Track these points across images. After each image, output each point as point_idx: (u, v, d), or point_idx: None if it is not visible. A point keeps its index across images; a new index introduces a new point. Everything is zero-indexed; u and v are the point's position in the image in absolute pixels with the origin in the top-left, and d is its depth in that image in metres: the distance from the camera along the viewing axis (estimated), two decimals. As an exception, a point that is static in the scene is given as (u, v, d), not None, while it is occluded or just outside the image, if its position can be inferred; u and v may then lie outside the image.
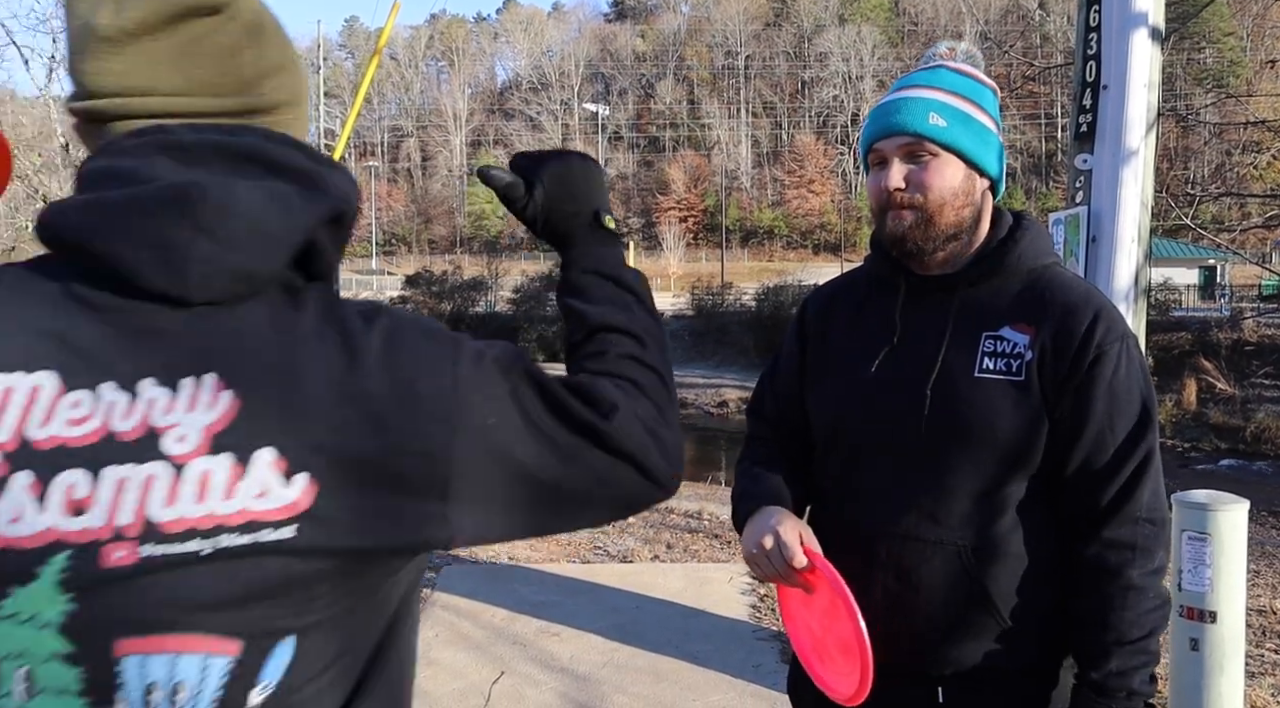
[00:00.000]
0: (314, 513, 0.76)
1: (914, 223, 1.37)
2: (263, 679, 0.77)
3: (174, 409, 0.75)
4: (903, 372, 1.40)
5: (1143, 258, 3.34)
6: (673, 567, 5.51)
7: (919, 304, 1.43)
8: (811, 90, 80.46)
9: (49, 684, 0.74)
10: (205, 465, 0.75)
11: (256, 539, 0.74)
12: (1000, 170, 1.42)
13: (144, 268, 0.76)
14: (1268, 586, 5.23)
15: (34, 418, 0.74)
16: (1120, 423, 1.31)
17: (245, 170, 0.80)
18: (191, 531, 0.74)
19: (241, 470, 0.75)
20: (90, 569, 0.73)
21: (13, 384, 0.75)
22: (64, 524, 0.73)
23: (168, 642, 0.75)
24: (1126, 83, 3.23)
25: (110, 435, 0.75)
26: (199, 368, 0.76)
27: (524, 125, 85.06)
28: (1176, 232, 30.84)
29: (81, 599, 0.73)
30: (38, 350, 0.76)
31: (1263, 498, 4.44)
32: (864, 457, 1.43)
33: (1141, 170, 3.28)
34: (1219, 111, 20.30)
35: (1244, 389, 19.15)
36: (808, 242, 71.45)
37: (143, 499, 0.74)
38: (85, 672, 0.74)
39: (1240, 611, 3.02)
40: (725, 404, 23.62)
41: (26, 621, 0.73)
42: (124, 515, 0.73)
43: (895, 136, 1.38)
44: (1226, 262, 35.77)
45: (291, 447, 0.76)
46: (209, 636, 0.75)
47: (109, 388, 0.76)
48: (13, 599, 0.73)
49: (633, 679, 3.84)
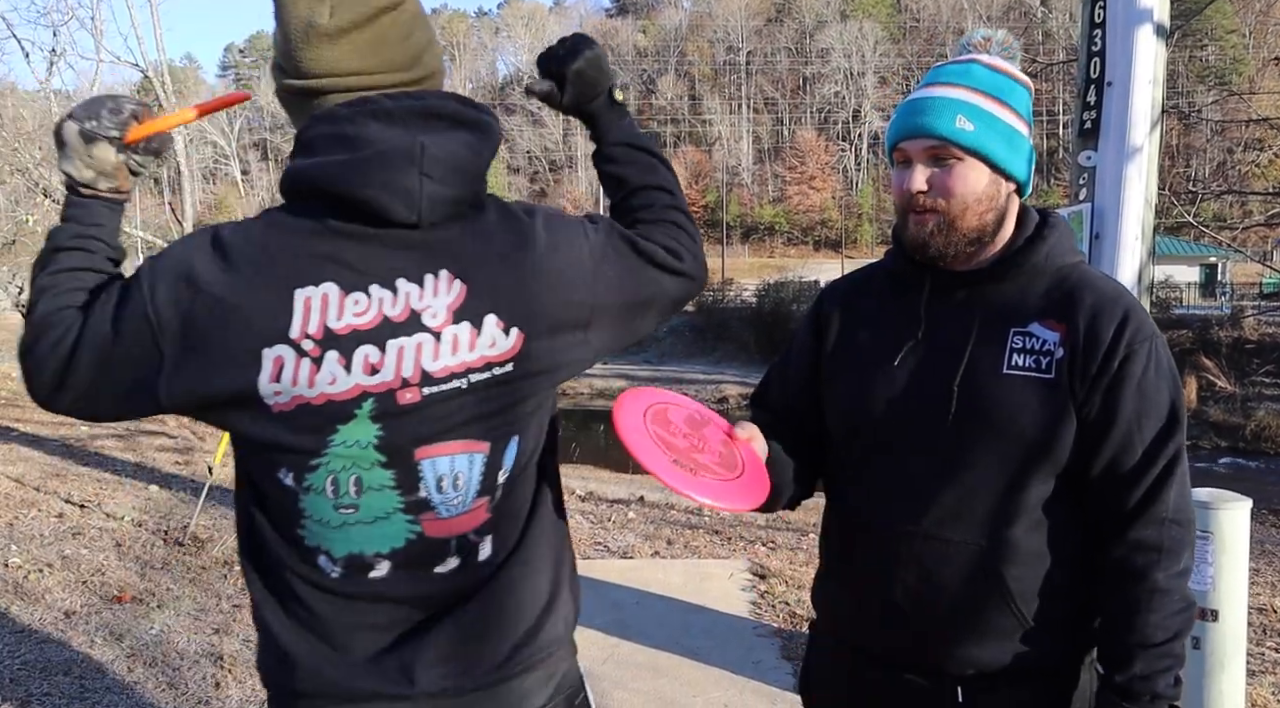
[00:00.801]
0: (524, 354, 1.16)
1: (935, 227, 1.35)
2: (504, 466, 1.19)
3: (424, 296, 1.12)
4: (929, 367, 1.38)
5: (1146, 255, 3.33)
6: (673, 563, 5.50)
7: (945, 300, 1.41)
8: (813, 86, 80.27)
9: (372, 484, 1.13)
10: (453, 331, 1.13)
11: (492, 374, 1.15)
12: (1029, 172, 1.39)
13: (392, 205, 1.09)
14: (1267, 584, 5.23)
15: (330, 315, 1.10)
16: (1148, 423, 1.30)
17: (434, 126, 1.13)
18: (452, 374, 1.13)
19: (477, 332, 1.14)
20: (390, 407, 1.12)
21: (309, 295, 1.09)
22: (366, 381, 1.11)
23: (447, 447, 1.15)
24: (1131, 79, 3.22)
25: (386, 319, 1.11)
26: (434, 267, 1.13)
27: (525, 120, 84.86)
28: (1178, 229, 30.78)
29: (386, 427, 1.12)
30: (316, 269, 1.10)
31: (1262, 496, 4.42)
32: (886, 453, 1.41)
33: (1146, 167, 3.27)
34: (1221, 109, 20.28)
35: (1244, 387, 19.15)
36: (809, 238, 71.35)
37: (418, 358, 1.12)
38: (395, 473, 1.14)
39: (1242, 609, 3.01)
40: (725, 400, 23.60)
41: (352, 445, 1.12)
42: (407, 370, 1.12)
43: (920, 138, 1.35)
44: (1227, 259, 35.70)
45: (505, 312, 1.14)
46: (471, 440, 1.15)
47: (375, 288, 1.11)
48: (340, 433, 1.12)
49: (633, 675, 3.84)
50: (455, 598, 1.19)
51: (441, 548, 1.17)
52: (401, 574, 1.17)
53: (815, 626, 1.59)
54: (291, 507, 1.15)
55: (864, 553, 1.43)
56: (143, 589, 4.79)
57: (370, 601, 1.17)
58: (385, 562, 1.16)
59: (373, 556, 1.15)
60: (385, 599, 1.17)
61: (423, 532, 1.16)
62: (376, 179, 1.08)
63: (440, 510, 1.16)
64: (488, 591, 1.20)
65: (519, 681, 1.21)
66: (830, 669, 1.53)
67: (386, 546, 1.15)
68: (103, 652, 4.00)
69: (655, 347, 30.63)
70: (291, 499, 1.15)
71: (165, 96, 13.39)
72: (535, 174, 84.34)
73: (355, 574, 1.16)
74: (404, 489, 1.14)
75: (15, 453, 8.43)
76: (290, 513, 1.16)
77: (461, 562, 1.18)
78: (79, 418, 1.22)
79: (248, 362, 1.09)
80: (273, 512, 1.18)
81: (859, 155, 77.02)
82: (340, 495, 1.13)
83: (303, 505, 1.15)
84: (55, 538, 5.67)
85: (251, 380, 1.09)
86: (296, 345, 1.09)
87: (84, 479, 7.46)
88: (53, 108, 15.65)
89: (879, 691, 1.43)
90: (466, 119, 1.16)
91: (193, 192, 13.84)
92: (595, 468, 10.64)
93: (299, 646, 1.17)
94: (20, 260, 17.45)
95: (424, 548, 1.16)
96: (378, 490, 1.14)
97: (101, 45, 14.12)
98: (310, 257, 1.10)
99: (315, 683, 1.17)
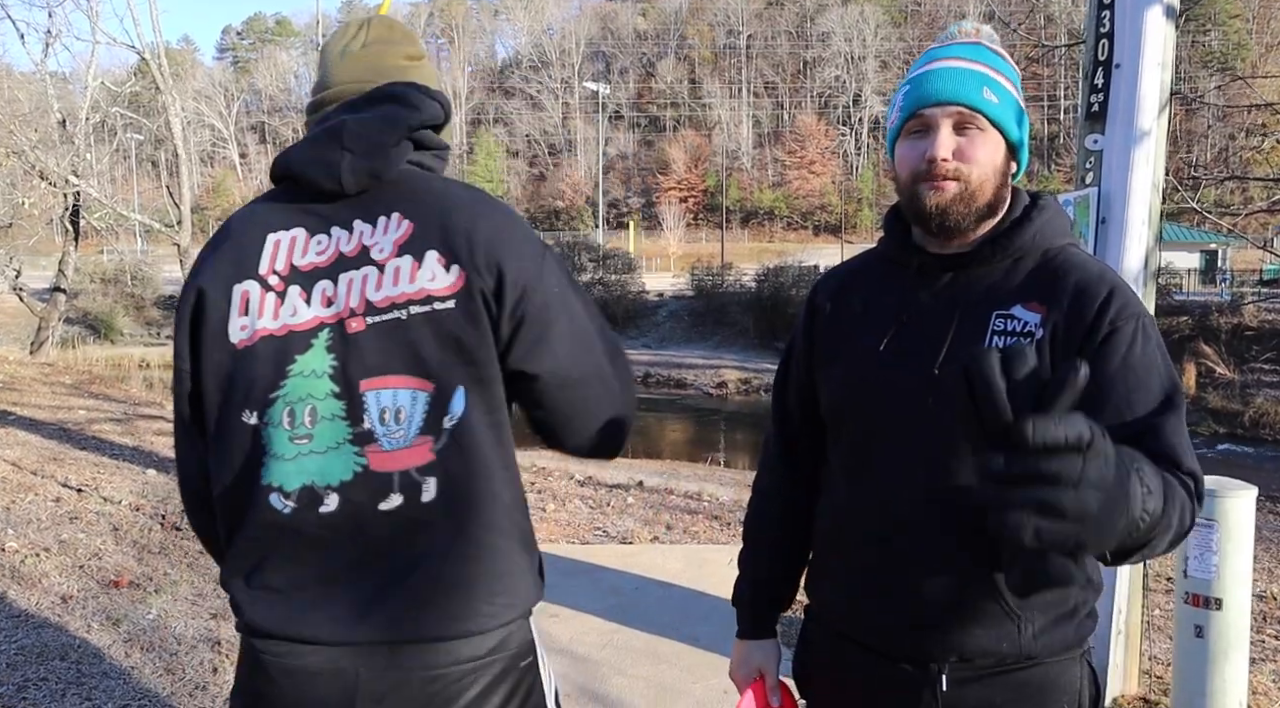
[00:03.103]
0: (466, 293, 1.21)
1: (957, 195, 1.32)
2: (451, 413, 1.22)
3: (374, 234, 1.24)
4: (911, 352, 1.36)
5: (1153, 241, 3.29)
6: (672, 548, 5.50)
7: (930, 283, 1.39)
8: (813, 70, 79.96)
9: (325, 414, 1.21)
10: (396, 264, 1.22)
11: (433, 309, 1.21)
12: (1023, 145, 1.39)
13: (319, 178, 1.24)
14: (1265, 571, 5.22)
15: (296, 253, 1.25)
16: (1139, 399, 1.24)
17: (380, 105, 1.29)
18: (393, 304, 1.21)
19: (418, 265, 1.22)
20: (341, 336, 1.22)
21: (279, 237, 1.26)
22: (323, 313, 1.23)
23: (389, 380, 1.21)
24: (1140, 62, 3.17)
25: (341, 255, 1.24)
26: (388, 210, 1.25)
27: (524, 104, 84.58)
28: (1178, 215, 30.73)
29: (339, 356, 1.21)
30: (290, 218, 1.28)
31: (1261, 483, 4.38)
32: (872, 439, 1.40)
33: (1153, 152, 3.23)
34: (1223, 94, 20.17)
35: (1243, 374, 19.14)
36: (808, 223, 71.21)
37: (363, 289, 1.22)
38: (345, 404, 1.21)
39: (1246, 598, 3.00)
40: (724, 385, 23.60)
41: (309, 374, 1.22)
42: (354, 300, 1.22)
43: (947, 104, 1.32)
44: (1228, 246, 35.63)
45: (447, 251, 1.22)
46: (414, 377, 1.21)
47: (336, 229, 1.26)
48: (299, 362, 1.22)
49: (632, 661, 3.83)
50: (400, 544, 1.22)
51: (385, 483, 1.21)
52: (348, 509, 1.21)
53: (808, 612, 1.59)
54: (252, 446, 1.23)
55: (852, 541, 1.42)
56: (140, 574, 4.78)
57: (318, 537, 1.22)
58: (334, 495, 1.22)
59: (324, 488, 1.22)
60: (332, 538, 1.22)
61: (368, 465, 1.21)
62: (306, 155, 1.26)
63: (383, 442, 1.21)
64: (433, 547, 1.22)
65: (464, 642, 1.23)
66: (821, 656, 1.53)
67: (336, 478, 1.22)
68: (100, 636, 3.98)
69: (654, 331, 30.61)
70: (253, 438, 1.23)
71: (162, 79, 13.30)
72: (534, 158, 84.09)
73: (306, 509, 1.22)
74: (351, 420, 1.21)
75: (12, 437, 8.40)
76: (251, 453, 1.24)
77: (404, 500, 1.21)
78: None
79: (222, 300, 1.25)
80: (235, 458, 1.25)
81: (859, 140, 76.78)
82: (296, 426, 1.21)
83: (264, 441, 1.23)
84: (52, 522, 5.65)
85: (222, 317, 1.24)
86: (264, 280, 1.24)
87: (81, 463, 7.44)
88: (49, 90, 15.57)
89: (867, 677, 1.42)
90: (403, 97, 1.30)
91: (190, 175, 13.78)
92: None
93: (259, 594, 1.25)
94: (17, 243, 17.40)
95: (369, 481, 1.21)
96: (330, 420, 1.21)
97: (97, 27, 14.06)
98: (286, 211, 1.28)
99: (267, 623, 1.23)
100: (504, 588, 1.26)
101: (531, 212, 77.66)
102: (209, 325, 1.25)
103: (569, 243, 34.94)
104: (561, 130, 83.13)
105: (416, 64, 1.41)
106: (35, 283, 19.59)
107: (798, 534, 1.58)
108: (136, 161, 52.20)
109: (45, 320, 16.59)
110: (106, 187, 18.87)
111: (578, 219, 73.16)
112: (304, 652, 1.22)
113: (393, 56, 1.38)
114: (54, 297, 16.77)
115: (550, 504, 6.55)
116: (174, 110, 13.31)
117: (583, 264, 31.59)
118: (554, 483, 7.24)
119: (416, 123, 1.29)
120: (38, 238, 17.90)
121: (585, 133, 79.14)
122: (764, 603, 1.64)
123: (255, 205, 1.33)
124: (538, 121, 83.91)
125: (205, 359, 1.26)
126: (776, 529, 1.61)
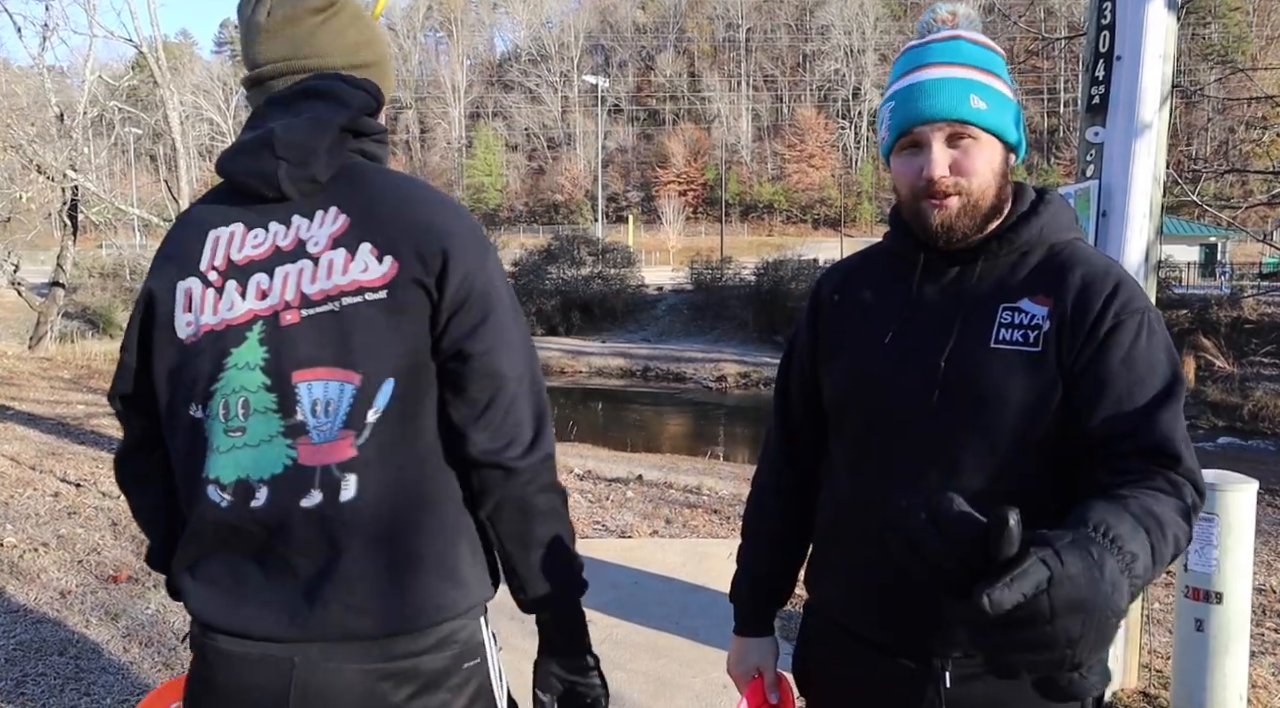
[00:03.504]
0: (398, 282, 1.22)
1: (960, 209, 1.32)
2: (375, 405, 1.21)
3: (310, 228, 1.25)
4: (917, 346, 1.36)
5: (1154, 234, 3.28)
6: (671, 542, 5.49)
7: (937, 278, 1.39)
8: (813, 63, 79.76)
9: (258, 407, 1.22)
10: (330, 256, 1.23)
11: (364, 299, 1.22)
12: (1020, 136, 1.38)
13: (260, 187, 1.26)
14: (1263, 563, 5.22)
15: (234, 248, 1.27)
16: (1140, 395, 1.24)
17: (309, 103, 1.28)
18: (327, 296, 1.22)
19: (351, 257, 1.23)
20: (275, 329, 1.23)
21: (219, 233, 1.29)
22: (257, 306, 1.24)
23: (320, 372, 1.21)
24: (1141, 53, 3.15)
25: (277, 249, 1.26)
26: (326, 204, 1.26)
27: (523, 97, 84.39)
28: (1178, 208, 30.66)
29: (271, 349, 1.22)
30: (229, 213, 1.30)
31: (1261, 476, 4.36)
32: (875, 434, 1.40)
33: (1154, 144, 3.21)
34: (1224, 87, 20.14)
35: (1243, 367, 19.14)
36: (807, 216, 71.12)
37: (299, 282, 1.23)
38: (277, 397, 1.22)
39: (1246, 592, 2.99)
40: (724, 379, 23.60)
41: (243, 367, 1.23)
42: (289, 293, 1.23)
43: (936, 122, 1.31)
44: (1227, 239, 35.60)
45: (381, 242, 1.23)
46: (342, 369, 1.21)
47: (274, 224, 1.27)
48: (234, 355, 1.23)
49: (631, 655, 3.82)
50: (323, 543, 1.22)
51: (308, 478, 1.21)
52: (276, 504, 1.22)
53: (808, 607, 1.59)
54: (196, 439, 1.26)
55: (853, 535, 1.42)
56: (139, 568, 4.77)
57: (251, 532, 1.23)
58: (264, 488, 1.22)
59: (256, 481, 1.22)
60: (263, 534, 1.23)
61: (296, 458, 1.22)
62: (243, 166, 1.27)
63: (313, 435, 1.21)
64: (355, 548, 1.22)
65: (393, 640, 1.23)
66: (822, 651, 1.52)
67: (267, 471, 1.22)
68: (98, 631, 3.98)
69: (653, 325, 30.60)
70: (199, 431, 1.25)
71: (160, 73, 13.26)
72: (533, 152, 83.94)
73: (240, 503, 1.22)
74: (284, 412, 1.22)
75: (11, 432, 8.40)
76: (194, 446, 1.26)
77: (323, 498, 1.21)
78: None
79: (168, 298, 1.28)
80: (183, 451, 1.28)
81: (859, 133, 76.61)
82: (230, 418, 1.23)
83: (205, 433, 1.25)
84: (51, 517, 5.65)
85: (169, 314, 1.27)
86: (204, 276, 1.27)
87: (80, 458, 7.44)
88: (46, 84, 15.52)
89: (869, 672, 1.41)
90: (331, 92, 1.29)
91: (189, 169, 13.74)
92: (593, 447, 10.64)
93: (200, 586, 1.27)
94: (15, 238, 17.38)
95: (295, 476, 1.21)
96: (262, 413, 1.22)
97: (95, 20, 14.00)
98: (226, 209, 1.30)
99: (207, 614, 1.26)
100: (437, 588, 1.25)
101: (531, 205, 77.61)
102: (158, 322, 1.29)
103: (568, 236, 34.88)
104: (560, 124, 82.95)
105: (327, 17, 1.35)
106: (34, 278, 19.58)
107: (797, 529, 1.58)
108: (135, 156, 52.08)
109: (44, 315, 16.57)
110: (105, 181, 18.83)
111: (577, 213, 73.08)
112: (244, 643, 1.24)
113: (303, 23, 1.33)
114: (52, 291, 16.75)
115: (549, 498, 6.54)
116: (172, 104, 13.26)
117: (582, 258, 31.55)
118: (553, 477, 7.23)
119: (346, 120, 1.28)
120: (36, 232, 17.89)
121: (584, 126, 78.98)
122: (762, 599, 1.63)
123: (199, 205, 1.35)
124: (537, 115, 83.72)
125: (156, 356, 1.29)
126: (776, 523, 1.61)
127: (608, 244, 34.27)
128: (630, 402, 20.65)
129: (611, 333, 29.78)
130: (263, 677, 1.23)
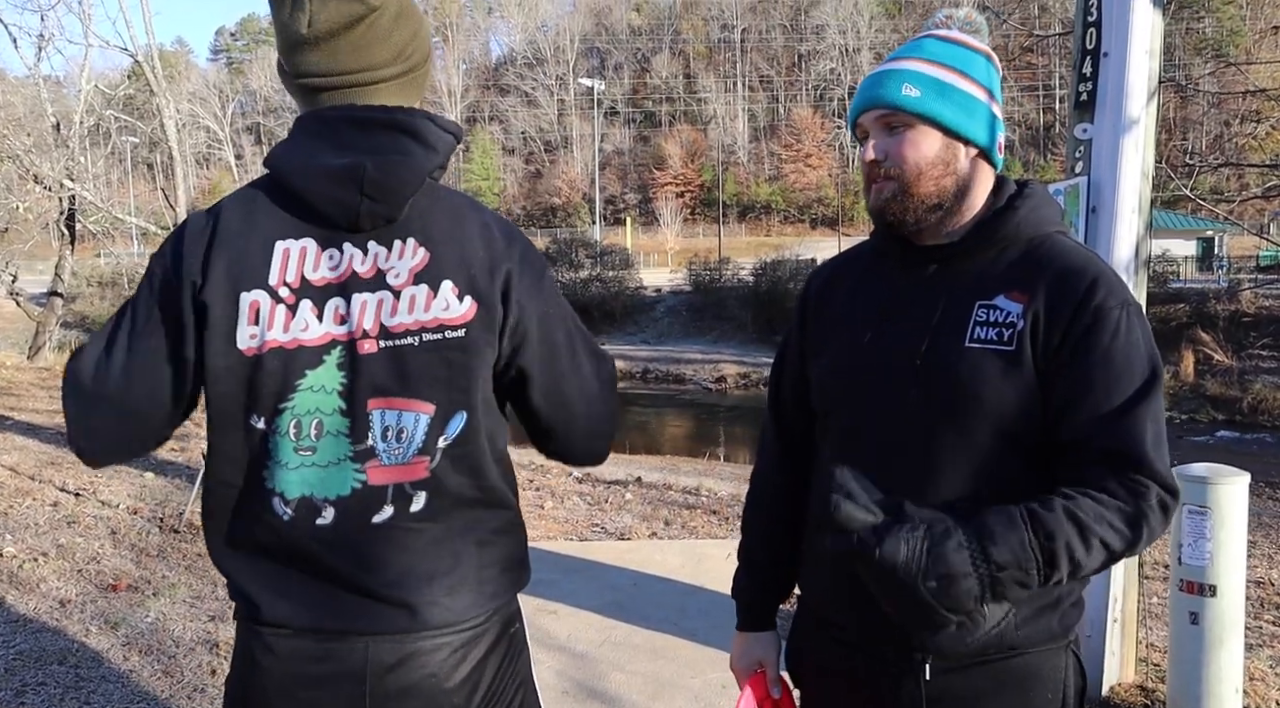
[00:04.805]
0: (475, 322, 1.28)
1: (892, 194, 1.36)
2: (448, 433, 1.28)
3: (390, 259, 1.27)
4: (896, 344, 1.37)
5: (1143, 229, 3.29)
6: (670, 544, 5.50)
7: (915, 275, 1.40)
8: (808, 63, 79.75)
9: (330, 429, 1.26)
10: (412, 291, 1.26)
11: (444, 337, 1.27)
12: (991, 137, 1.38)
13: (332, 214, 1.25)
14: (1264, 556, 5.23)
15: (307, 266, 1.25)
16: (1118, 393, 1.24)
17: (395, 137, 1.27)
18: (407, 330, 1.26)
19: (433, 295, 1.27)
20: (353, 355, 1.25)
21: (289, 246, 1.26)
22: (335, 330, 1.25)
23: (395, 402, 1.26)
24: (1128, 50, 3.17)
25: (354, 274, 1.26)
26: (404, 235, 1.28)
27: (519, 101, 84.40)
28: (1174, 203, 30.67)
29: (349, 374, 1.25)
30: (298, 229, 1.26)
31: (1259, 469, 4.40)
32: (856, 430, 1.41)
33: (1142, 140, 3.22)
34: (1218, 81, 20.14)
35: (1241, 361, 19.16)
36: (805, 216, 71.11)
37: (378, 313, 1.25)
38: (350, 422, 1.25)
39: (1240, 584, 3.00)
40: (723, 379, 23.61)
41: (319, 389, 1.25)
42: (368, 322, 1.25)
43: (872, 110, 1.37)
44: (1224, 233, 35.60)
45: (462, 280, 1.27)
46: (418, 400, 1.26)
47: (349, 247, 1.27)
48: (308, 378, 1.25)
49: (630, 657, 3.83)
50: (390, 550, 1.28)
51: (381, 496, 1.27)
52: (344, 522, 1.27)
53: (799, 599, 1.61)
54: (259, 450, 1.27)
55: None
56: (138, 577, 4.78)
57: (313, 547, 1.27)
58: (331, 508, 1.26)
59: (321, 500, 1.26)
60: (326, 549, 1.27)
61: (366, 480, 1.27)
62: (323, 190, 1.24)
63: (383, 457, 1.26)
64: (420, 549, 1.29)
65: (454, 629, 1.30)
66: (808, 642, 1.54)
67: (334, 492, 1.26)
68: (98, 640, 3.99)
69: (652, 327, 30.61)
70: (261, 442, 1.27)
71: (155, 81, 13.27)
72: (530, 155, 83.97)
73: (303, 519, 1.26)
74: (355, 437, 1.26)
75: (10, 441, 8.40)
76: (258, 456, 1.27)
77: (394, 511, 1.28)
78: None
79: (229, 306, 1.24)
80: (240, 459, 1.29)
81: (855, 132, 76.43)
82: (302, 437, 1.25)
83: (270, 447, 1.26)
84: (50, 526, 5.65)
85: (229, 320, 1.24)
86: (274, 292, 1.25)
87: (79, 467, 7.44)
88: (42, 94, 15.53)
89: (851, 666, 1.43)
90: (421, 134, 1.29)
91: (186, 177, 13.74)
92: (593, 449, 10.61)
93: (255, 583, 1.29)
94: (13, 248, 17.38)
95: (365, 496, 1.27)
96: (334, 436, 1.26)
97: (90, 30, 13.99)
98: (295, 220, 1.27)
99: (272, 615, 1.28)
100: (500, 580, 1.36)
101: (528, 209, 77.55)
102: (212, 326, 1.25)
103: (566, 240, 34.92)
104: (557, 127, 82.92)
105: (370, 23, 1.29)
106: (32, 287, 19.58)
107: (794, 524, 1.59)
108: (132, 164, 52.12)
109: (42, 325, 16.57)
110: (102, 190, 18.84)
111: (574, 215, 73.06)
112: (306, 635, 1.28)
113: (347, 35, 1.27)
114: (51, 301, 16.75)
115: (549, 501, 6.55)
116: (168, 113, 13.25)
117: (580, 261, 31.56)
118: (552, 480, 7.25)
119: (434, 166, 1.30)
120: (34, 242, 17.87)
121: (581, 129, 78.96)
122: (762, 593, 1.64)
123: (252, 206, 1.28)
124: (533, 119, 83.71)
125: (209, 353, 1.25)
126: (773, 518, 1.62)
127: (605, 247, 34.34)
128: (630, 403, 20.66)
129: (610, 335, 29.77)
130: (332, 665, 1.27)
